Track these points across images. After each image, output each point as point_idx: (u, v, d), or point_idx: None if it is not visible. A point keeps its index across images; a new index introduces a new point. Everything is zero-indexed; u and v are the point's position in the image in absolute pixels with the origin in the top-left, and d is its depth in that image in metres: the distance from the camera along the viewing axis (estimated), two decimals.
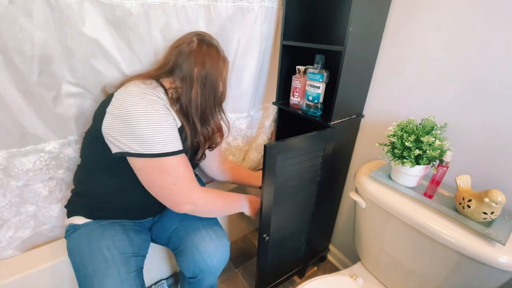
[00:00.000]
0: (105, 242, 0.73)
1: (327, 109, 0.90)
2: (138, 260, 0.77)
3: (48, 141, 0.79)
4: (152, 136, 0.63)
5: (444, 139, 0.72)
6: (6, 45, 0.63)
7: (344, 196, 1.21)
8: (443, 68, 0.78)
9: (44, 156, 0.79)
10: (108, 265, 0.69)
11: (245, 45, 0.99)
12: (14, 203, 0.81)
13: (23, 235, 0.86)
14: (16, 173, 0.76)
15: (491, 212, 0.62)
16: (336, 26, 0.99)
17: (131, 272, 0.72)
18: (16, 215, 0.82)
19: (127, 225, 0.81)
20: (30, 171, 0.77)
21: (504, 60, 0.67)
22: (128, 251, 0.75)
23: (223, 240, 0.87)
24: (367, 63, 0.91)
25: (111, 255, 0.71)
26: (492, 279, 0.65)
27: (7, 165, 0.75)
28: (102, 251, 0.71)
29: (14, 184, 0.78)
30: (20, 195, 0.81)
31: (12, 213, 0.81)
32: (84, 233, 0.75)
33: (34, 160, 0.78)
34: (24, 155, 0.76)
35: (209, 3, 0.85)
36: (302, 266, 1.21)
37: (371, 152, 1.03)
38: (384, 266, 0.91)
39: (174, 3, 0.78)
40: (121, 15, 0.72)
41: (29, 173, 0.78)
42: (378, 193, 0.81)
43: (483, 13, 0.68)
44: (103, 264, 0.69)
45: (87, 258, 0.71)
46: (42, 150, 0.79)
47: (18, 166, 0.76)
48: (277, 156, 0.77)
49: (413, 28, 0.81)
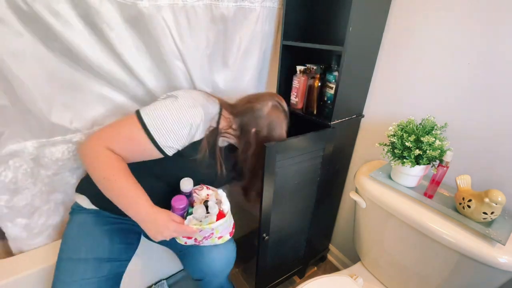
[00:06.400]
0: (87, 242, 0.74)
1: (327, 109, 0.91)
2: (114, 265, 0.76)
3: (76, 132, 0.81)
4: (161, 114, 0.66)
5: (444, 139, 0.72)
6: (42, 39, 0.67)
7: (344, 196, 1.21)
8: (443, 68, 0.78)
9: (72, 147, 0.82)
10: (77, 267, 0.71)
11: (247, 45, 0.99)
12: (45, 191, 0.83)
13: (54, 222, 0.89)
14: (46, 163, 0.79)
15: (491, 212, 0.62)
16: (336, 26, 0.99)
17: (98, 277, 0.72)
18: (46, 203, 0.85)
19: (121, 226, 0.81)
20: (59, 160, 0.80)
21: (504, 60, 0.67)
22: (105, 256, 0.75)
23: (227, 242, 0.84)
24: (367, 63, 0.91)
25: (85, 258, 0.72)
26: (492, 279, 0.65)
27: (37, 154, 0.77)
28: (80, 251, 0.72)
29: (44, 173, 0.81)
30: (49, 184, 0.83)
31: (43, 201, 0.84)
32: (79, 222, 0.77)
33: (62, 150, 0.80)
34: (53, 145, 0.79)
35: (212, 2, 0.85)
36: (302, 266, 1.21)
37: (371, 152, 1.03)
38: (384, 266, 0.90)
39: (183, 3, 0.79)
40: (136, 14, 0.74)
41: (58, 162, 0.80)
42: (378, 193, 0.81)
43: (483, 13, 0.68)
44: (75, 263, 0.71)
45: (67, 250, 0.73)
46: (69, 141, 0.81)
47: (48, 155, 0.78)
48: (276, 156, 0.77)
49: (413, 28, 0.81)
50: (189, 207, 0.72)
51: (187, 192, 0.72)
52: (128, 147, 0.66)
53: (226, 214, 0.71)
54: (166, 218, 0.64)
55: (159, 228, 0.63)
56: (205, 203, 0.72)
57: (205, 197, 0.74)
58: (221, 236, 0.75)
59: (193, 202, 0.73)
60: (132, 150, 0.66)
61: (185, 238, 0.72)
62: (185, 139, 0.69)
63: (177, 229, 0.64)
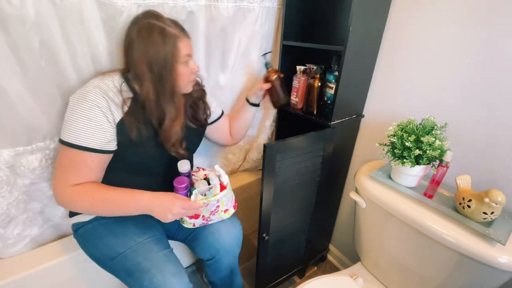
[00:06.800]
0: (129, 231, 0.75)
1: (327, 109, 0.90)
2: (164, 240, 0.80)
3: (54, 137, 0.79)
4: (71, 124, 0.63)
5: (444, 139, 0.72)
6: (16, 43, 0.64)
7: (344, 196, 1.21)
8: (443, 68, 0.78)
9: (49, 154, 0.80)
10: (145, 246, 0.72)
11: (246, 45, 0.99)
12: (21, 200, 0.81)
13: (32, 233, 0.86)
14: (23, 171, 0.77)
15: (491, 212, 0.62)
16: (336, 26, 0.99)
17: (168, 249, 0.75)
18: (23, 212, 0.83)
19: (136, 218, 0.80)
20: (37, 169, 0.78)
21: (504, 60, 0.67)
22: (152, 234, 0.77)
23: (233, 220, 0.89)
24: (367, 63, 0.91)
25: (142, 241, 0.73)
26: (492, 279, 0.65)
27: (13, 163, 0.75)
28: (130, 239, 0.73)
29: (21, 182, 0.79)
30: (27, 193, 0.81)
31: (20, 210, 0.82)
32: (97, 224, 0.76)
33: (40, 158, 0.78)
34: (31, 153, 0.76)
35: (210, 3, 0.85)
36: (302, 266, 1.21)
37: (371, 152, 1.03)
38: (384, 266, 0.90)
39: (174, 3, 0.78)
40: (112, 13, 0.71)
41: (36, 171, 0.78)
42: (378, 193, 0.81)
43: (484, 13, 0.68)
44: (140, 246, 0.72)
45: (114, 242, 0.72)
46: (47, 147, 0.79)
47: (25, 164, 0.76)
48: (276, 155, 0.77)
49: (413, 28, 0.81)
50: (191, 188, 0.74)
51: (186, 173, 0.74)
52: (82, 171, 0.67)
53: (226, 186, 0.75)
54: (171, 197, 0.68)
55: (167, 206, 0.66)
56: (205, 179, 0.76)
57: (203, 176, 0.78)
58: (227, 209, 0.79)
59: (193, 183, 0.75)
60: (88, 170, 0.67)
61: (193, 219, 0.76)
62: (108, 124, 0.65)
63: (184, 204, 0.67)
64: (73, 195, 0.66)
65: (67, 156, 0.66)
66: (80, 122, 0.63)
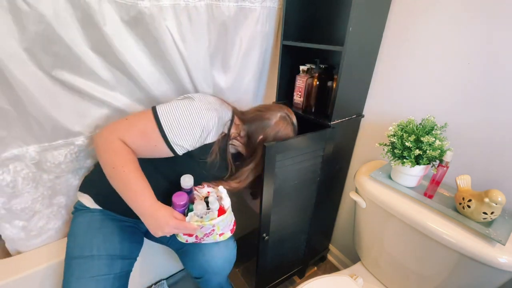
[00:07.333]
0: (98, 240, 0.74)
1: (327, 109, 0.90)
2: (125, 263, 0.77)
3: (78, 135, 0.81)
4: (175, 114, 0.67)
5: (444, 139, 0.72)
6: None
7: (344, 196, 1.21)
8: (443, 68, 0.78)
9: (74, 149, 0.81)
10: (92, 263, 0.71)
11: (247, 45, 0.99)
12: (47, 196, 0.83)
13: (56, 226, 0.88)
14: (49, 167, 0.78)
15: (491, 212, 0.62)
16: (336, 26, 0.99)
17: (112, 273, 0.72)
18: (48, 207, 0.85)
19: (126, 224, 0.81)
20: (62, 163, 0.80)
21: (504, 60, 0.67)
22: (116, 253, 0.75)
23: (227, 241, 0.84)
24: (367, 63, 0.91)
25: (98, 255, 0.72)
26: (492, 279, 0.65)
27: (39, 159, 0.77)
28: (92, 248, 0.72)
29: (47, 177, 0.80)
30: (52, 188, 0.83)
31: (44, 205, 0.83)
32: (86, 221, 0.76)
33: (65, 153, 0.80)
34: (55, 148, 0.78)
35: (212, 2, 0.85)
36: (302, 266, 1.21)
37: (371, 152, 1.03)
38: (384, 266, 0.90)
39: (185, 3, 0.78)
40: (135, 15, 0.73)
41: (61, 165, 0.80)
42: (378, 193, 0.81)
43: (484, 13, 0.68)
44: (89, 260, 0.71)
45: (77, 247, 0.72)
46: (72, 143, 0.80)
47: (50, 159, 0.78)
48: (276, 155, 0.77)
49: (413, 28, 0.81)
50: (190, 204, 0.72)
51: (188, 189, 0.72)
52: (141, 142, 0.67)
53: (226, 210, 0.71)
54: (167, 214, 0.64)
55: (160, 223, 0.63)
56: (205, 199, 0.72)
57: (206, 194, 0.75)
58: (222, 233, 0.75)
59: (194, 199, 0.73)
60: (143, 145, 0.67)
61: (186, 236, 0.72)
62: (197, 140, 0.70)
63: (178, 225, 0.64)
64: (112, 145, 0.65)
65: (146, 124, 0.67)
66: (184, 119, 0.67)
